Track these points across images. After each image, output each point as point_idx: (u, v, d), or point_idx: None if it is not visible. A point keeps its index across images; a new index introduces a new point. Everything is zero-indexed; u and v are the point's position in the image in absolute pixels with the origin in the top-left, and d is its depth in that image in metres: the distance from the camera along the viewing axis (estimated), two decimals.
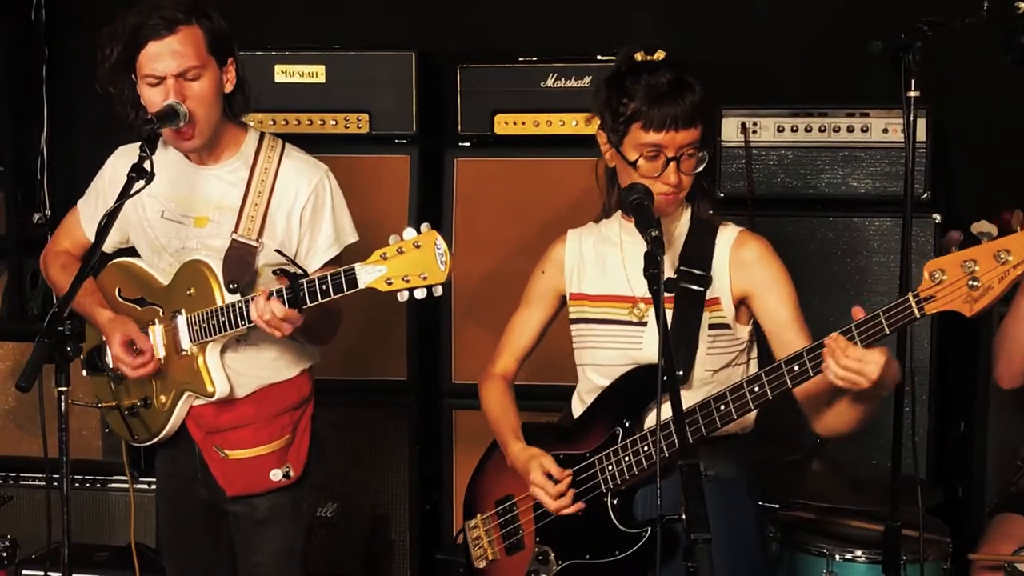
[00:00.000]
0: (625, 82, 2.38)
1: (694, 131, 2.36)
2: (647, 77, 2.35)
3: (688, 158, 2.37)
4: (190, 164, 2.71)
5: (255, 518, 2.77)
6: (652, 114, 2.33)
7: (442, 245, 2.36)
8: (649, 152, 2.35)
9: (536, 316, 2.68)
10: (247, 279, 2.63)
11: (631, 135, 2.36)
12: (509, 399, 2.69)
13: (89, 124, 4.42)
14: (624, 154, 2.38)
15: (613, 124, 2.39)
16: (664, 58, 2.40)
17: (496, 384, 2.71)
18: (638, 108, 2.34)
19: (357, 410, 3.82)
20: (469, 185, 3.80)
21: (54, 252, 2.93)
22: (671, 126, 2.33)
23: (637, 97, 2.34)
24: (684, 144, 2.35)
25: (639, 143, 2.36)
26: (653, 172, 2.36)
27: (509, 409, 2.67)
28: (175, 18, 2.53)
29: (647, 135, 2.34)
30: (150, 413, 2.78)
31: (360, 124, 3.85)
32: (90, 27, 4.21)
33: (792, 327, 2.40)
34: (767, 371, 2.24)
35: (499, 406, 2.68)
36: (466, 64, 3.81)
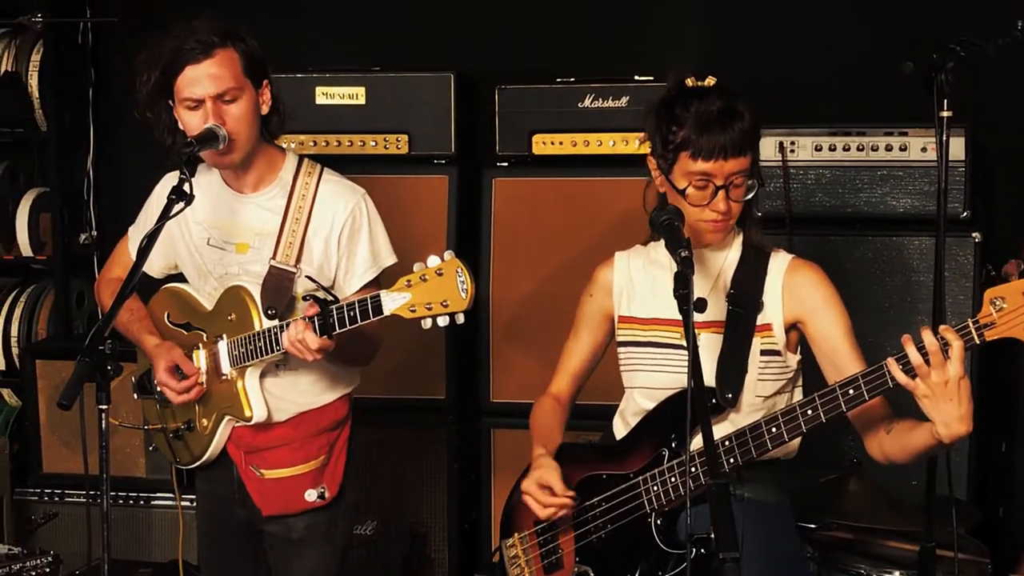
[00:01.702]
0: (675, 109, 2.36)
1: (743, 159, 2.34)
2: (697, 104, 2.34)
3: (737, 187, 2.36)
4: (231, 192, 2.75)
5: (290, 538, 2.79)
6: (701, 143, 2.31)
7: (463, 273, 2.37)
8: (698, 181, 2.34)
9: (587, 339, 2.67)
10: (285, 304, 2.66)
11: (680, 163, 2.35)
12: (552, 416, 2.68)
13: (134, 146, 4.48)
14: (674, 182, 2.38)
15: (663, 151, 2.38)
16: (715, 84, 2.39)
17: (545, 401, 2.71)
18: (687, 136, 2.33)
19: (397, 429, 3.85)
20: (506, 205, 3.83)
21: (106, 280, 2.98)
22: (719, 155, 2.31)
23: (687, 125, 2.33)
24: (733, 172, 2.33)
25: (688, 171, 2.34)
26: (702, 200, 2.35)
27: (549, 424, 2.66)
28: (211, 42, 2.57)
29: (695, 164, 2.33)
30: (193, 436, 2.82)
31: (399, 145, 3.89)
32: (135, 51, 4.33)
33: (847, 352, 2.38)
34: (821, 394, 2.23)
35: (540, 420, 2.68)
36: (504, 85, 3.84)
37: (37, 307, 4.44)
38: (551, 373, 2.78)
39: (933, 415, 2.14)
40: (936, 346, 2.10)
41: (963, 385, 2.12)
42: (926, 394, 2.13)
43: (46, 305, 4.44)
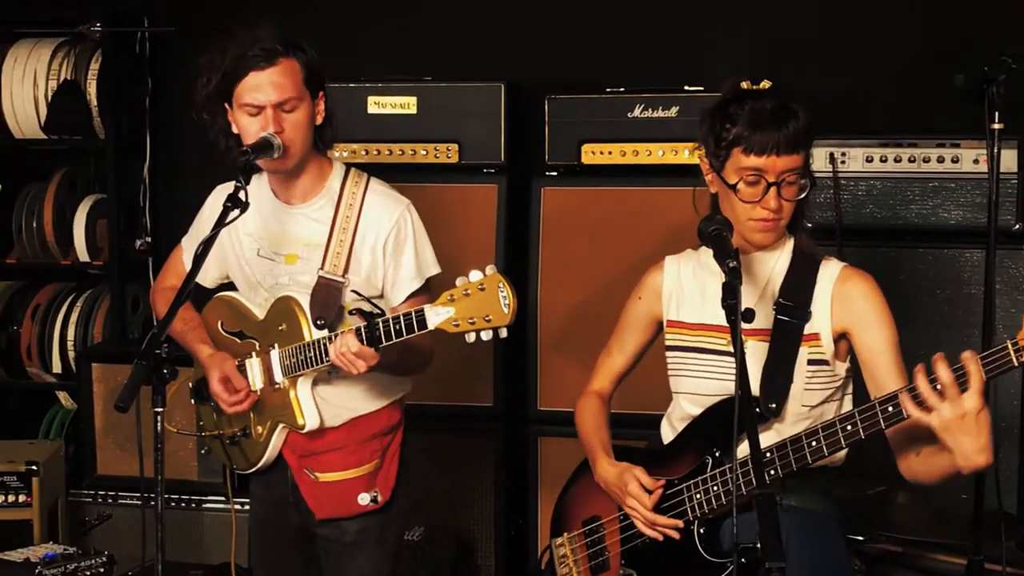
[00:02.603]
0: (729, 108, 2.38)
1: (796, 157, 2.34)
2: (751, 103, 2.35)
3: (789, 185, 2.36)
4: (279, 203, 2.78)
5: (343, 541, 2.82)
6: (753, 138, 2.32)
7: (505, 288, 2.37)
8: (750, 176, 2.35)
9: (631, 340, 2.69)
10: (334, 314, 2.68)
11: (732, 159, 2.36)
12: (602, 416, 2.70)
13: (189, 154, 4.54)
14: (725, 178, 2.38)
15: (715, 149, 2.39)
16: (770, 87, 2.40)
17: (591, 401, 2.73)
18: (740, 132, 2.34)
19: (445, 435, 3.87)
20: (555, 214, 3.84)
21: (161, 288, 3.03)
22: (772, 150, 2.32)
23: (740, 122, 2.34)
24: (785, 170, 2.34)
25: (740, 167, 2.35)
26: (753, 197, 2.35)
27: (601, 426, 2.68)
28: (275, 50, 2.60)
29: (748, 159, 2.34)
30: (249, 443, 2.86)
31: (450, 154, 3.92)
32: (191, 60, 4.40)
33: (889, 367, 2.36)
34: (860, 410, 2.22)
35: (592, 422, 2.69)
36: (554, 95, 3.86)
37: (93, 311, 4.51)
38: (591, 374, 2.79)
39: (951, 447, 2.11)
40: (950, 379, 2.06)
41: (981, 419, 2.07)
42: (941, 428, 2.09)
43: (102, 309, 4.50)
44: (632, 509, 2.49)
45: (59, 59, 4.44)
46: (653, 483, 2.47)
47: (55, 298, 4.55)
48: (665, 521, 2.45)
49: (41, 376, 4.52)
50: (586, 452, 2.68)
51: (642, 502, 2.46)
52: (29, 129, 4.46)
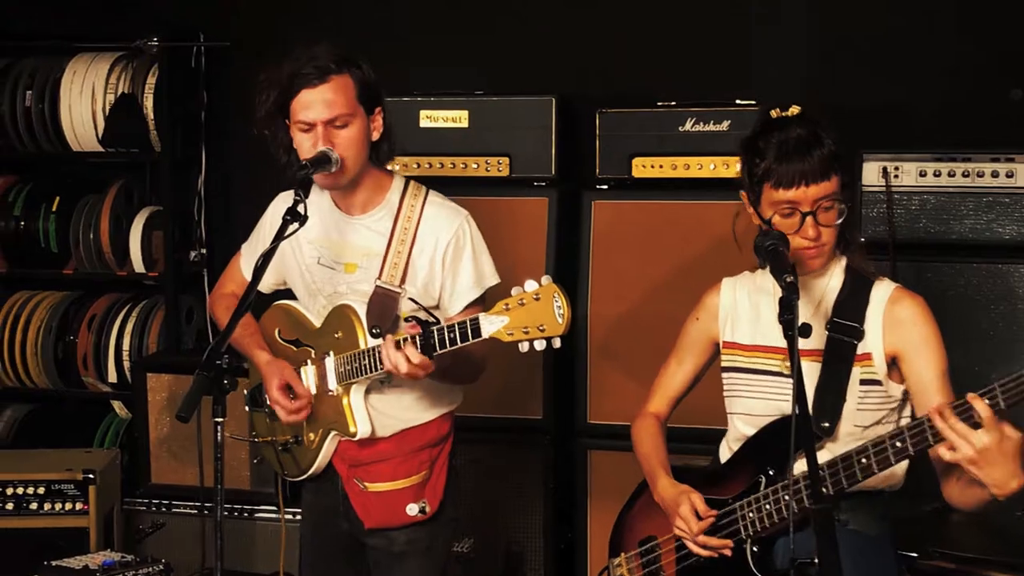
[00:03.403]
0: (759, 142, 2.39)
1: (827, 184, 2.34)
2: (777, 135, 2.36)
3: (825, 211, 2.36)
4: (340, 213, 2.82)
5: (392, 551, 2.84)
6: (781, 171, 2.33)
7: (560, 298, 2.39)
8: (784, 210, 2.36)
9: (689, 362, 2.70)
10: (390, 323, 2.71)
11: (765, 194, 2.38)
12: (660, 438, 2.71)
13: (243, 167, 4.61)
14: (761, 214, 2.40)
15: (750, 184, 2.42)
16: (798, 113, 2.40)
17: (648, 422, 2.74)
18: (768, 167, 2.35)
19: (494, 447, 3.88)
20: (606, 227, 3.85)
21: (220, 295, 3.08)
22: (800, 182, 2.33)
23: (768, 156, 2.35)
24: (819, 198, 2.34)
25: (772, 201, 2.36)
26: (790, 228, 2.35)
27: (660, 447, 2.69)
28: (328, 68, 2.64)
29: (778, 193, 2.35)
30: (301, 450, 2.89)
31: (501, 167, 3.94)
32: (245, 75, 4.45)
33: (937, 394, 2.35)
34: (909, 427, 2.21)
35: (650, 443, 2.70)
36: (605, 108, 3.87)
37: (148, 322, 4.56)
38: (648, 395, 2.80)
39: (982, 479, 2.11)
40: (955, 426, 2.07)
41: (1005, 447, 2.07)
42: (967, 464, 2.10)
43: (157, 320, 4.56)
44: (680, 531, 2.50)
45: (116, 73, 4.51)
46: (706, 511, 2.47)
47: (111, 308, 4.61)
48: (716, 542, 2.46)
49: (96, 385, 4.58)
50: (644, 472, 2.69)
51: (689, 526, 2.47)
52: (87, 142, 4.53)
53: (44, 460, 3.88)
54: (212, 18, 4.58)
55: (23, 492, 3.70)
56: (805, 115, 2.40)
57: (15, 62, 4.64)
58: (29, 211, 4.61)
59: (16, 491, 3.70)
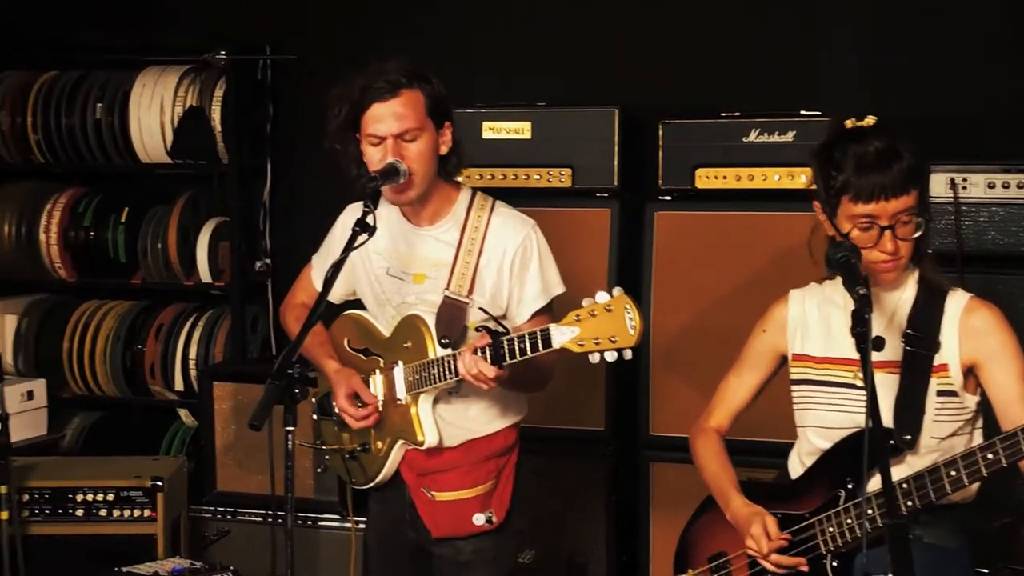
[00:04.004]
0: (834, 153, 2.37)
1: (906, 198, 2.32)
2: (854, 147, 2.34)
3: (904, 225, 2.34)
4: (409, 225, 2.85)
5: (459, 561, 2.86)
6: (860, 184, 2.31)
7: (632, 310, 2.41)
8: (862, 223, 2.34)
9: (754, 375, 2.68)
10: (458, 333, 2.74)
11: (843, 207, 2.35)
12: (725, 455, 2.69)
13: (307, 178, 4.66)
14: (838, 226, 2.38)
15: (826, 196, 2.39)
16: (874, 124, 2.39)
17: (711, 438, 2.71)
18: (847, 180, 2.33)
19: (556, 459, 3.88)
20: (668, 238, 3.84)
21: (291, 305, 3.12)
22: (880, 196, 2.31)
23: (845, 168, 2.33)
24: (898, 211, 2.32)
25: (850, 215, 2.34)
26: (868, 242, 2.34)
27: (726, 464, 2.67)
28: (398, 82, 2.67)
29: (857, 207, 2.33)
30: (368, 458, 2.92)
31: (563, 178, 3.94)
32: (310, 87, 4.53)
33: (1020, 400, 2.33)
34: (1002, 439, 2.20)
35: (716, 461, 2.68)
36: (668, 119, 3.87)
37: (214, 331, 4.61)
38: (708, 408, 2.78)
39: None
40: None
41: None
42: None
43: (223, 329, 4.61)
44: (751, 549, 2.49)
45: (185, 86, 4.58)
46: (778, 535, 2.45)
47: (178, 318, 4.67)
48: (789, 560, 2.44)
49: (163, 394, 4.65)
50: (713, 491, 2.67)
51: (759, 546, 2.45)
52: (155, 154, 4.60)
53: (113, 467, 3.93)
54: (278, 32, 4.63)
55: (92, 499, 3.76)
56: (881, 126, 2.38)
57: (86, 75, 4.72)
58: (99, 222, 4.70)
59: (86, 498, 3.76)
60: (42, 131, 4.70)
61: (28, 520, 3.70)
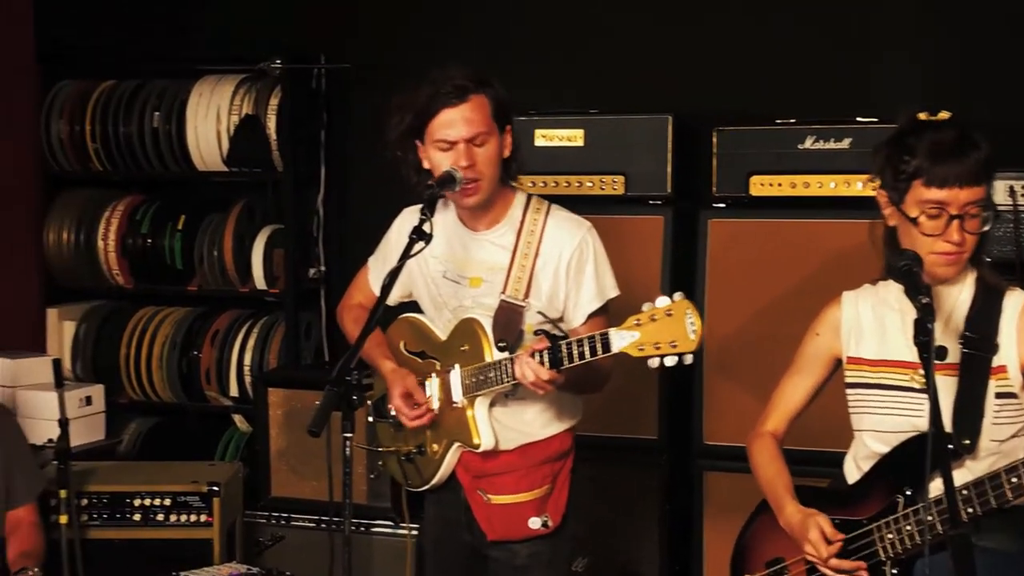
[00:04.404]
0: (908, 139, 2.35)
1: (978, 190, 2.30)
2: (930, 134, 2.33)
3: (972, 218, 2.32)
4: (465, 229, 2.86)
5: (514, 564, 2.86)
6: (935, 170, 2.29)
7: (692, 315, 2.41)
8: (931, 210, 2.32)
9: (808, 378, 2.66)
10: (515, 337, 2.74)
11: (913, 191, 2.33)
12: (781, 459, 2.67)
13: (360, 186, 4.70)
14: (905, 211, 2.35)
15: (894, 182, 2.37)
16: (949, 118, 2.37)
17: (767, 443, 2.70)
18: (920, 164, 2.31)
19: (609, 467, 3.87)
20: (722, 246, 3.82)
21: (348, 306, 3.14)
22: (954, 183, 2.29)
23: (919, 154, 2.32)
24: (968, 202, 2.30)
25: (921, 200, 2.32)
26: (935, 230, 2.32)
27: (782, 469, 2.65)
28: (467, 87, 2.69)
29: (929, 192, 2.31)
30: (424, 460, 2.93)
31: (616, 186, 3.94)
32: (363, 95, 4.56)
33: None
34: None
35: (772, 465, 2.66)
36: (722, 126, 3.85)
37: (269, 338, 4.65)
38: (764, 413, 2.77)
39: None
40: None
41: None
42: None
43: (277, 336, 4.65)
44: (810, 555, 2.46)
45: (241, 95, 4.63)
46: (834, 535, 2.43)
47: (233, 324, 4.72)
48: (849, 565, 2.42)
49: (219, 399, 4.69)
50: (767, 496, 2.66)
51: (818, 551, 2.43)
52: (212, 161, 4.66)
53: (170, 472, 3.97)
54: (332, 41, 4.67)
55: (150, 503, 3.80)
56: (955, 120, 2.37)
57: (144, 84, 4.79)
58: (156, 229, 4.76)
59: (143, 502, 3.79)
60: (100, 139, 4.78)
61: (86, 524, 3.74)
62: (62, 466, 3.48)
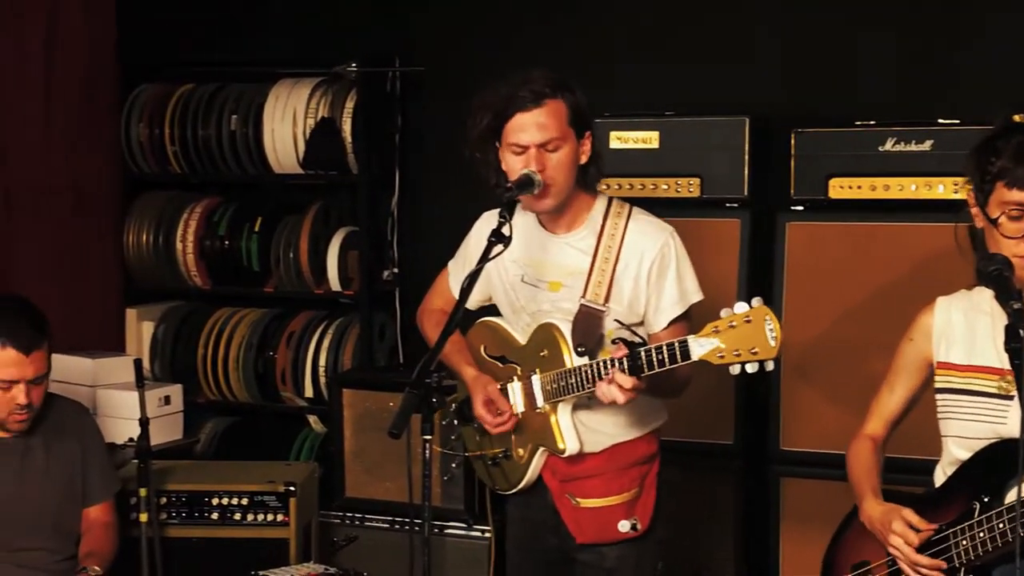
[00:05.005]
0: (997, 142, 2.35)
1: None
2: (1018, 136, 2.32)
3: None
4: (545, 232, 2.86)
5: (603, 567, 2.86)
6: (1017, 172, 2.28)
7: (772, 321, 2.39)
8: (1013, 211, 2.30)
9: (903, 384, 2.64)
10: (594, 342, 2.73)
11: (996, 193, 2.32)
12: (874, 459, 2.65)
13: (434, 188, 4.71)
14: (988, 212, 2.34)
15: (980, 183, 2.36)
16: None
17: (863, 443, 2.68)
18: (1004, 165, 2.30)
19: (685, 472, 3.81)
20: (800, 249, 3.78)
21: (428, 310, 3.15)
22: None
23: (1004, 155, 2.31)
24: None
25: (1002, 201, 2.31)
26: (1016, 232, 2.30)
27: (872, 468, 2.63)
28: (543, 92, 2.69)
29: (1010, 193, 2.29)
30: (510, 465, 2.93)
31: (691, 188, 3.91)
32: (438, 98, 4.57)
33: None
34: None
35: (863, 463, 2.64)
36: (800, 128, 3.81)
37: (343, 339, 4.67)
38: (845, 422, 2.74)
39: None
40: None
41: None
42: None
43: (351, 337, 4.67)
44: (895, 548, 2.44)
45: (317, 98, 4.66)
46: (921, 522, 2.42)
47: (308, 326, 4.75)
48: (928, 562, 2.40)
49: (294, 400, 4.73)
50: (854, 493, 2.64)
51: (907, 539, 2.42)
52: (288, 164, 4.70)
53: (247, 472, 4.00)
54: (407, 44, 4.69)
55: (227, 503, 3.83)
56: None
57: (222, 88, 4.85)
58: (233, 231, 4.81)
59: (221, 501, 3.83)
60: (179, 142, 4.84)
61: (165, 523, 3.79)
62: (142, 465, 3.53)
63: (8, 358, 3.13)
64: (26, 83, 4.46)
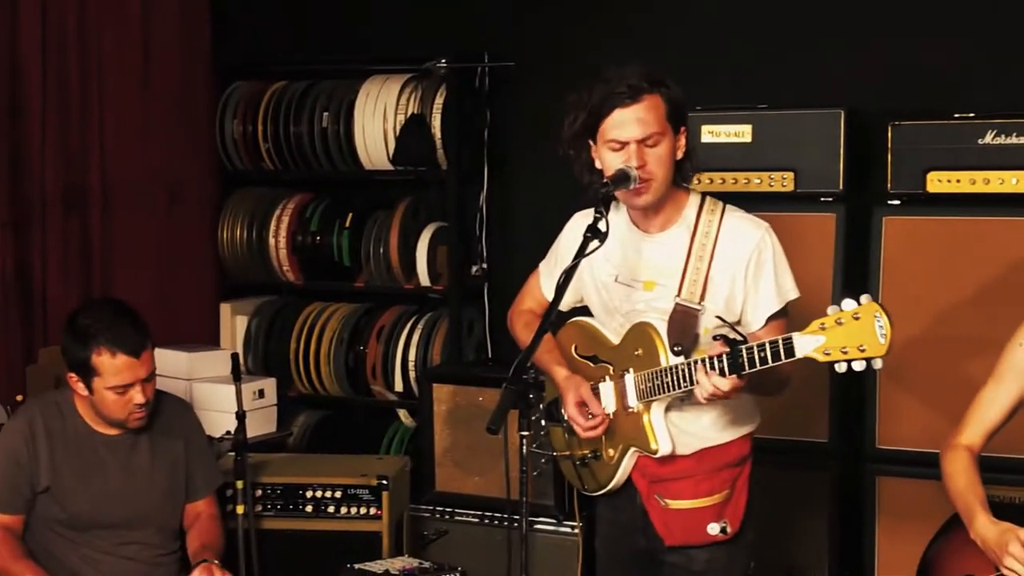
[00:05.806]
0: None
1: None
2: None
3: None
4: (638, 231, 2.83)
5: (692, 569, 2.83)
6: None
7: (883, 318, 2.34)
8: None
9: (1008, 391, 2.57)
10: (690, 341, 2.70)
11: None
12: (975, 472, 2.59)
13: (522, 184, 4.72)
14: None
15: None
16: None
17: (961, 455, 2.61)
18: None
19: (778, 470, 3.76)
20: (897, 244, 3.71)
21: (518, 311, 3.14)
22: None
23: None
24: None
25: None
26: None
27: (975, 481, 2.56)
28: (641, 87, 2.66)
29: None
30: (599, 465, 2.92)
31: (785, 182, 3.86)
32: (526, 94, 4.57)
33: None
34: None
35: (964, 476, 2.57)
36: (897, 121, 3.74)
37: (432, 334, 4.71)
38: (942, 421, 2.68)
39: None
40: None
41: None
42: None
43: (440, 332, 4.70)
44: (1011, 571, 2.38)
45: (407, 94, 4.69)
46: None
47: (398, 320, 4.79)
48: None
49: (384, 394, 4.77)
50: (958, 509, 2.57)
51: None
52: (378, 160, 4.74)
53: (340, 465, 4.03)
54: (497, 40, 4.69)
55: (321, 495, 3.87)
56: None
57: (314, 85, 4.90)
58: (324, 227, 4.87)
59: (315, 494, 3.87)
60: (272, 139, 4.91)
61: (260, 515, 3.83)
62: (239, 458, 3.58)
63: (122, 364, 3.20)
64: (124, 83, 4.55)
